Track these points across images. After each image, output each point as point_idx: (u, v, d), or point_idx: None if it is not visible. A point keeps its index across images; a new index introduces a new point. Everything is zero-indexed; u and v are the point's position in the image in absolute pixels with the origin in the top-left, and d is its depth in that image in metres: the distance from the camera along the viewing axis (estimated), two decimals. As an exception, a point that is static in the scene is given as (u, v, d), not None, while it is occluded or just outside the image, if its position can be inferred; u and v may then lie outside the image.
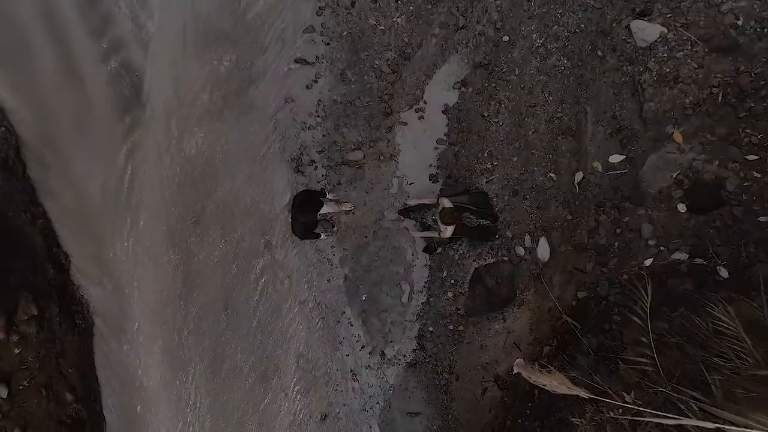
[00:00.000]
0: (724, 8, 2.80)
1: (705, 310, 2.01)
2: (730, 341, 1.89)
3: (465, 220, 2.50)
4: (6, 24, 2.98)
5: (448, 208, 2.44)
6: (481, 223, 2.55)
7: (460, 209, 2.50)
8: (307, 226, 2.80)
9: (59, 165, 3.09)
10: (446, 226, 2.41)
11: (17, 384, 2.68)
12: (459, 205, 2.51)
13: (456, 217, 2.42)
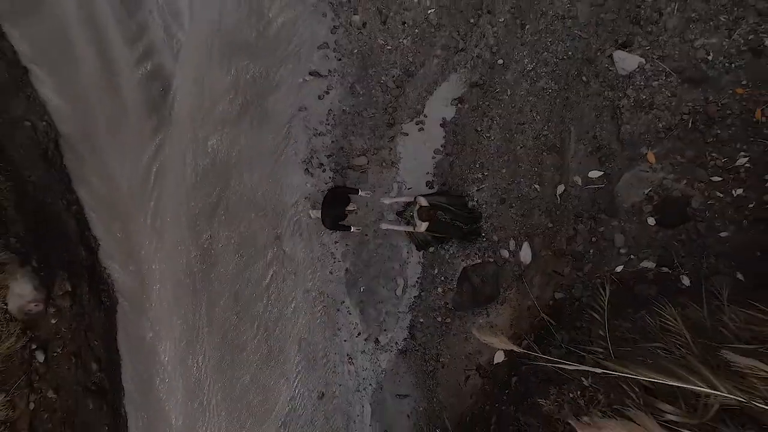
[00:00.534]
0: (697, 44, 3.12)
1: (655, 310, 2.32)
2: (674, 337, 2.21)
3: (440, 218, 2.82)
4: (52, 30, 3.33)
5: (424, 206, 2.77)
6: (455, 223, 2.87)
7: (436, 207, 2.82)
8: (335, 218, 3.08)
9: (93, 157, 3.43)
10: (421, 222, 2.74)
11: (52, 351, 3.03)
12: (435, 204, 2.83)
13: (431, 214, 2.74)
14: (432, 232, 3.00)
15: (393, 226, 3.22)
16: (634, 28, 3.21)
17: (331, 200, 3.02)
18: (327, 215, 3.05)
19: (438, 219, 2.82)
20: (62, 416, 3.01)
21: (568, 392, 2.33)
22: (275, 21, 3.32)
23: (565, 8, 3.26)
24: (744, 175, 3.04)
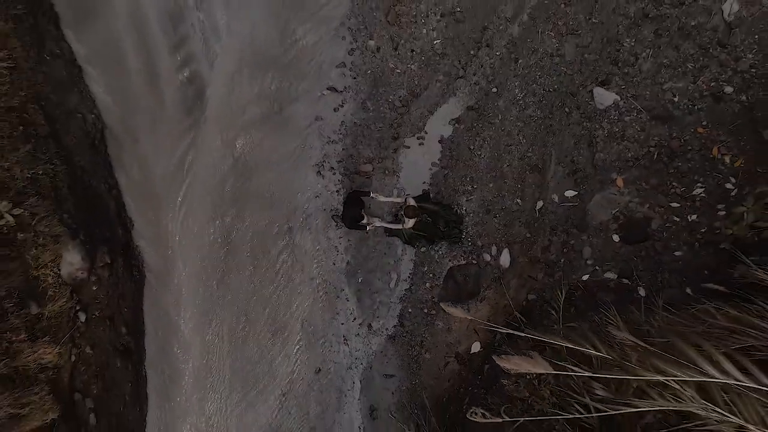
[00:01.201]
0: (666, 87, 3.57)
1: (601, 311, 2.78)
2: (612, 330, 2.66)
3: (423, 219, 3.32)
4: (105, 36, 3.82)
5: (411, 206, 3.26)
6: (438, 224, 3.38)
7: (423, 209, 3.31)
8: (353, 219, 3.51)
9: (133, 148, 3.92)
10: (408, 219, 3.24)
11: (91, 313, 3.52)
12: (422, 206, 3.32)
13: (416, 212, 3.24)
14: (417, 231, 3.49)
15: (384, 224, 3.69)
16: (612, 68, 3.66)
17: (349, 204, 3.49)
18: (347, 217, 3.53)
19: (422, 219, 3.32)
20: (95, 370, 3.51)
21: (525, 373, 2.80)
22: (301, 41, 3.80)
23: (554, 47, 3.72)
24: (699, 204, 3.50)
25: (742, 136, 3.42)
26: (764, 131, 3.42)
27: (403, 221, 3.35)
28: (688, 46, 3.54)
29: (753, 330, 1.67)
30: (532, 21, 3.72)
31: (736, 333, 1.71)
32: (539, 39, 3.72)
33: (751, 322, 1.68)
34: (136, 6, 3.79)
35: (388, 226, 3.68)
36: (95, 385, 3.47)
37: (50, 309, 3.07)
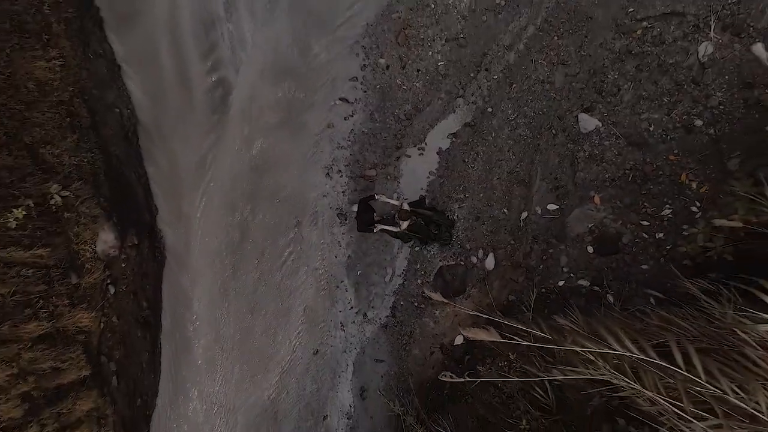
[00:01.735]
0: (643, 117, 3.98)
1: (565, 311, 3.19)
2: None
3: (414, 221, 3.76)
4: (143, 38, 4.24)
5: (404, 210, 3.69)
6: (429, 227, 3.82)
7: (415, 213, 3.74)
8: (364, 222, 3.98)
9: (162, 142, 4.35)
10: (402, 221, 3.67)
11: (119, 287, 3.96)
12: (415, 210, 3.76)
13: (408, 215, 3.67)
14: (411, 232, 3.93)
15: (383, 226, 4.12)
16: (597, 97, 4.07)
17: (361, 210, 3.93)
18: (360, 222, 3.99)
19: (416, 222, 3.77)
20: (119, 338, 3.94)
21: (499, 362, 3.22)
22: (319, 55, 4.22)
23: (546, 75, 4.13)
24: (666, 223, 3.90)
25: (708, 165, 3.83)
26: (729, 162, 3.82)
27: (398, 224, 3.79)
28: (665, 81, 3.94)
29: (675, 327, 2.08)
30: (527, 50, 4.14)
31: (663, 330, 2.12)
32: (532, 67, 4.13)
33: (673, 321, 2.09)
34: (173, 13, 4.21)
35: (389, 229, 4.12)
36: (118, 351, 3.91)
37: (86, 280, 3.50)
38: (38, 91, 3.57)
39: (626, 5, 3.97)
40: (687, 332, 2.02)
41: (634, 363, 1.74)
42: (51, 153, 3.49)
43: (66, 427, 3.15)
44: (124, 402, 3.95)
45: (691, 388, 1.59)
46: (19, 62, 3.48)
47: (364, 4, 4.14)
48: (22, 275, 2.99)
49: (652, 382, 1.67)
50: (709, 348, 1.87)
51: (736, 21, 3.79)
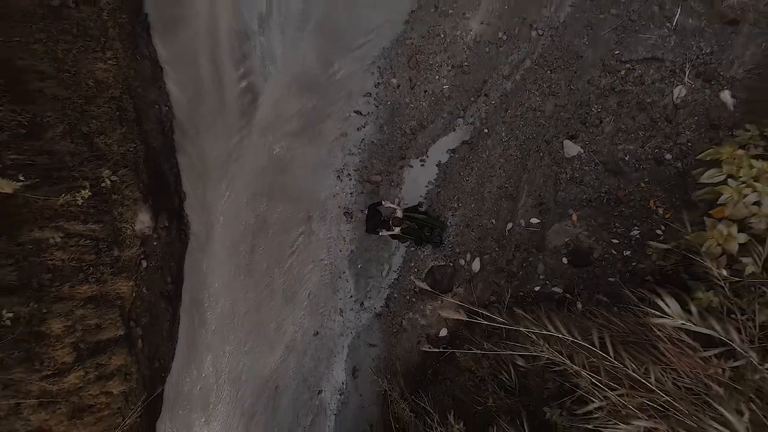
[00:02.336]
0: (620, 147, 4.50)
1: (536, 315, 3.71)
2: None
3: (407, 225, 4.27)
4: (185, 43, 4.79)
5: (397, 217, 4.23)
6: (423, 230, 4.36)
7: (408, 218, 4.29)
8: (373, 225, 4.49)
9: (194, 138, 4.90)
10: (395, 227, 4.21)
11: (149, 262, 4.52)
12: (409, 215, 4.31)
13: (401, 221, 4.20)
14: (405, 234, 4.47)
15: (384, 232, 4.65)
16: (581, 126, 4.60)
17: (370, 215, 4.46)
18: (370, 225, 4.52)
19: (410, 226, 4.31)
20: (146, 306, 4.50)
21: (474, 351, 3.75)
22: (338, 72, 4.76)
23: (537, 103, 4.66)
24: (633, 243, 4.42)
25: (674, 194, 4.34)
26: (693, 193, 4.33)
27: (392, 228, 4.37)
28: (642, 117, 4.46)
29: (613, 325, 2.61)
30: (522, 80, 4.67)
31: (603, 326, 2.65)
32: (526, 95, 4.66)
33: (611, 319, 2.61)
34: (213, 24, 4.76)
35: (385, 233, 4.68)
36: (145, 318, 4.47)
37: (125, 254, 4.06)
38: (96, 87, 4.14)
39: (613, 48, 4.50)
40: (620, 328, 2.55)
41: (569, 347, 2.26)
42: (104, 142, 4.06)
43: (103, 376, 3.71)
44: (145, 363, 4.51)
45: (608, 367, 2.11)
46: (83, 62, 4.04)
47: (382, 30, 4.68)
48: (79, 245, 3.55)
49: (580, 360, 2.20)
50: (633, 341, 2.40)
51: (708, 69, 4.32)
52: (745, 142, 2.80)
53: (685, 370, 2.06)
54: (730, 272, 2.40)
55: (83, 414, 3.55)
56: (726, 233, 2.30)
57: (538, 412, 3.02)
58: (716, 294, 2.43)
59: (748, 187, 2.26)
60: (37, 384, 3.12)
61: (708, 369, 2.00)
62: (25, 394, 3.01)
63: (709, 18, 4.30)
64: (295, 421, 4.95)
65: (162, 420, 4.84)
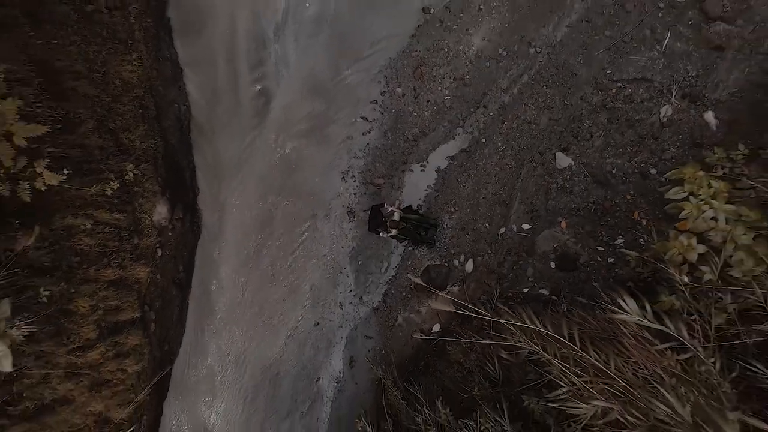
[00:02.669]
0: (608, 161, 4.80)
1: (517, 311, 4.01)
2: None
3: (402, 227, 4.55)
4: (205, 47, 5.11)
5: (394, 219, 4.54)
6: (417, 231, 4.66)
7: (404, 219, 4.60)
8: (374, 225, 4.82)
9: (210, 136, 5.22)
10: (392, 228, 4.51)
11: (164, 251, 4.83)
12: (405, 217, 4.62)
13: (397, 224, 4.51)
14: (401, 235, 4.78)
15: (384, 233, 4.95)
16: (573, 140, 4.89)
17: (373, 216, 4.78)
18: (372, 225, 4.85)
19: (405, 227, 4.64)
20: (160, 292, 4.82)
21: (464, 343, 4.06)
22: (347, 79, 5.07)
23: (532, 116, 4.96)
24: (617, 251, 4.71)
25: (657, 207, 4.63)
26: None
27: (389, 230, 4.68)
28: (630, 133, 4.76)
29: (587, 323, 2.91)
30: (520, 94, 4.97)
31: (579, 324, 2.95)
32: (522, 108, 4.96)
33: (587, 318, 2.91)
34: (232, 30, 5.08)
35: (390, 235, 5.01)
36: (158, 302, 4.79)
37: (144, 242, 4.38)
38: (122, 86, 4.46)
39: (606, 67, 4.79)
40: (592, 326, 2.85)
41: (544, 338, 2.56)
42: (128, 138, 4.37)
43: (120, 354, 4.03)
44: (156, 345, 4.83)
45: (576, 357, 2.41)
46: (111, 63, 4.36)
47: (390, 42, 4.99)
48: (105, 232, 3.87)
49: (552, 350, 2.49)
50: (602, 336, 2.70)
51: (694, 91, 4.61)
52: (714, 163, 3.10)
53: (644, 362, 2.36)
54: (690, 279, 2.71)
55: (101, 388, 3.87)
56: (687, 244, 2.60)
57: (518, 401, 3.33)
58: (678, 298, 2.73)
59: (706, 204, 2.55)
60: (65, 357, 3.44)
61: (662, 361, 2.29)
62: (54, 365, 3.33)
63: (696, 43, 4.60)
64: (293, 406, 5.26)
65: (169, 400, 5.16)
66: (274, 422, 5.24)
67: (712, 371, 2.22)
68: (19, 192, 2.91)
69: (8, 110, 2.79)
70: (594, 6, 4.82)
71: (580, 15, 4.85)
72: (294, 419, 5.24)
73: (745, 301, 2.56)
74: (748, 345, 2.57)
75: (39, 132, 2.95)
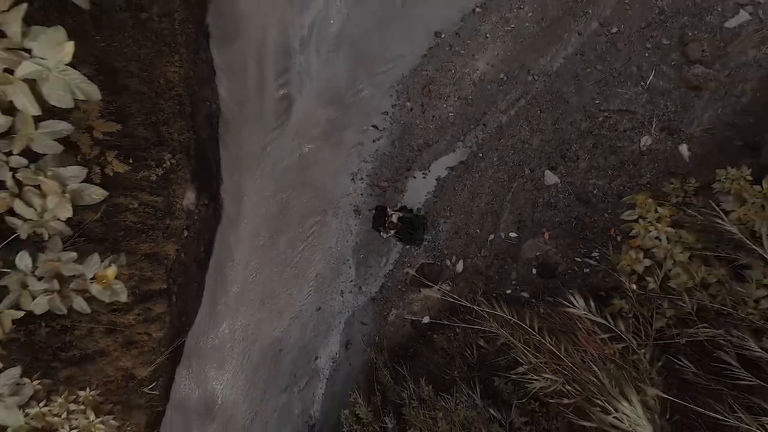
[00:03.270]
0: (591, 182, 5.35)
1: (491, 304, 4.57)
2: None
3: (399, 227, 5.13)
4: (237, 53, 5.70)
5: (392, 221, 5.11)
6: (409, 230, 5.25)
7: (401, 220, 5.18)
8: (377, 223, 5.40)
9: (235, 133, 5.81)
10: (390, 230, 5.09)
11: (190, 232, 5.43)
12: (402, 217, 5.21)
13: (396, 226, 5.09)
14: (398, 234, 5.37)
15: (383, 234, 5.52)
16: (560, 160, 5.44)
17: (377, 216, 5.34)
18: (375, 223, 5.42)
19: (400, 227, 5.23)
20: (183, 269, 5.42)
21: (448, 332, 4.63)
22: (362, 91, 5.65)
23: (526, 136, 5.51)
24: (592, 263, 5.26)
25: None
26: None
27: (386, 231, 5.26)
28: (612, 158, 5.30)
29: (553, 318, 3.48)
30: (516, 116, 5.53)
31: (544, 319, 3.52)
32: (518, 129, 5.52)
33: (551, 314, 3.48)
34: (263, 40, 5.66)
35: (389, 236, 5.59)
36: (180, 278, 5.38)
37: (174, 223, 4.98)
38: (165, 85, 5.06)
39: (595, 98, 5.35)
40: (555, 320, 3.41)
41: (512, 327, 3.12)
42: (167, 131, 4.98)
43: (148, 320, 4.63)
44: (176, 316, 5.42)
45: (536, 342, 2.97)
46: (157, 64, 4.97)
47: (403, 61, 5.56)
48: (145, 212, 4.48)
49: (518, 336, 3.05)
50: (562, 329, 3.26)
51: (672, 124, 5.16)
52: (669, 192, 3.66)
53: (591, 349, 2.92)
54: (637, 287, 3.27)
55: (131, 347, 4.47)
56: (635, 257, 3.15)
57: (490, 382, 3.90)
58: (627, 302, 3.30)
59: (652, 225, 3.10)
60: (107, 315, 4.04)
61: (604, 349, 2.85)
62: (98, 321, 3.93)
63: (676, 82, 5.15)
64: (292, 380, 5.85)
65: (181, 366, 5.76)
66: (273, 393, 5.83)
67: (642, 360, 2.78)
68: (92, 175, 3.52)
69: (92, 109, 3.40)
70: (588, 42, 5.38)
71: (575, 49, 5.41)
72: (292, 392, 5.82)
73: (680, 308, 3.12)
74: (680, 345, 3.13)
75: (114, 129, 3.57)
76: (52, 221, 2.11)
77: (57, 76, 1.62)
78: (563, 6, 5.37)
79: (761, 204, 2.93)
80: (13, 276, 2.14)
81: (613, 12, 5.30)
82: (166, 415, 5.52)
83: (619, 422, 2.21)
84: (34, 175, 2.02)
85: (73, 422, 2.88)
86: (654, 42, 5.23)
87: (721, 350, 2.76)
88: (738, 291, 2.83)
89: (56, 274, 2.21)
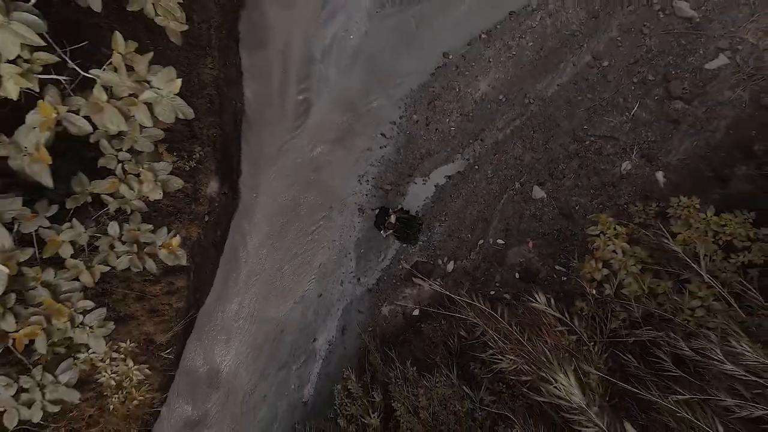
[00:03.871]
0: (574, 198, 5.91)
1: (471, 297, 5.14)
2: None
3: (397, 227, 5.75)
4: (264, 58, 6.31)
5: (391, 222, 5.70)
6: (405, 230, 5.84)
7: (399, 220, 5.77)
8: (379, 222, 6.01)
9: (256, 130, 6.42)
10: (389, 230, 5.68)
11: (210, 217, 6.03)
12: (399, 218, 5.79)
13: (394, 226, 5.68)
14: (396, 233, 5.95)
15: (383, 233, 6.12)
16: (548, 177, 6.01)
17: (379, 215, 5.93)
18: (378, 222, 6.03)
19: (398, 227, 5.81)
20: (201, 249, 6.02)
21: (435, 323, 5.20)
22: (373, 102, 6.23)
23: (518, 153, 6.08)
24: (570, 272, 5.82)
25: (607, 241, 5.72)
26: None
27: (386, 231, 5.85)
28: (595, 180, 5.86)
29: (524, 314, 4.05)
30: (511, 134, 6.10)
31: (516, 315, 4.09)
32: (511, 146, 6.09)
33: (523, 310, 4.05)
34: (288, 49, 6.26)
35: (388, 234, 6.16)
36: (198, 258, 5.99)
37: (198, 208, 5.58)
38: (199, 84, 5.67)
39: (583, 123, 5.91)
40: (526, 315, 3.99)
41: (487, 317, 3.69)
42: (198, 126, 5.58)
43: (170, 292, 5.23)
44: (192, 292, 6.03)
45: (504, 330, 3.54)
46: (194, 65, 5.58)
47: (412, 77, 6.15)
48: (176, 196, 5.08)
49: (491, 325, 3.62)
50: (530, 323, 3.83)
51: (651, 152, 5.71)
52: (634, 213, 4.23)
53: (550, 340, 3.49)
54: (596, 292, 3.84)
55: (154, 315, 5.08)
56: (595, 267, 3.72)
57: (467, 367, 4.48)
58: (587, 304, 3.87)
59: (610, 240, 3.67)
60: (138, 284, 4.64)
61: (561, 340, 3.42)
62: (131, 289, 4.53)
63: (658, 115, 5.71)
64: (291, 359, 6.44)
65: (192, 338, 6.37)
66: (273, 369, 6.43)
67: (591, 351, 3.36)
68: (143, 163, 4.14)
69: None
70: (582, 73, 5.95)
71: (569, 78, 5.98)
72: (290, 369, 6.42)
73: (631, 312, 3.69)
74: (629, 343, 3.70)
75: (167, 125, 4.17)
76: (134, 200, 2.72)
77: (167, 101, 2.24)
78: (561, 38, 5.94)
79: (704, 230, 3.49)
80: (104, 239, 2.74)
81: (605, 47, 5.87)
82: (175, 379, 6.14)
83: (557, 391, 2.77)
84: (136, 167, 2.65)
85: (114, 368, 3.49)
86: (640, 77, 5.80)
87: (659, 349, 3.33)
88: (677, 301, 3.40)
89: (135, 240, 2.80)
